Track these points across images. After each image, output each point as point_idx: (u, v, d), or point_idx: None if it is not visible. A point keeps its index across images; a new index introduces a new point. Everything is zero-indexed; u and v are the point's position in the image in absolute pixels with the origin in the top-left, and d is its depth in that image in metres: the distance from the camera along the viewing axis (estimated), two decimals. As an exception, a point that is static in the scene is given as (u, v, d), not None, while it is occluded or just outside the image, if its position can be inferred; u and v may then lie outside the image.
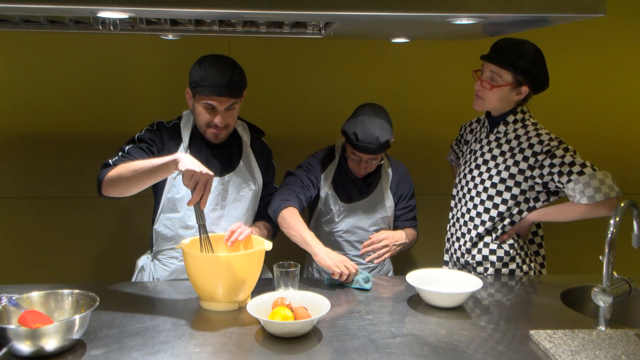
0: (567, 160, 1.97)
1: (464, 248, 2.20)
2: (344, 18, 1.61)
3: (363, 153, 2.15)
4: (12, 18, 1.83)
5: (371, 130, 2.10)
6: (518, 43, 2.05)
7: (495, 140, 2.15)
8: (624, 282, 1.68)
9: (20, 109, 2.80)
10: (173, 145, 2.03)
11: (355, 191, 2.30)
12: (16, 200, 2.87)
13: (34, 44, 2.76)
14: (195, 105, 1.99)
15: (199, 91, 1.95)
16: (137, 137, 2.02)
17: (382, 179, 2.33)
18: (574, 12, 1.45)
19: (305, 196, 2.20)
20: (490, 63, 2.07)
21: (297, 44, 2.85)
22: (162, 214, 2.06)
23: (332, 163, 2.31)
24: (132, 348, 1.49)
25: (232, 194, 2.08)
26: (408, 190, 2.38)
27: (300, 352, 1.48)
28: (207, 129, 2.01)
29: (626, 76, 3.05)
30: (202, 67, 1.95)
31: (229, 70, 1.95)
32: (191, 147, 2.05)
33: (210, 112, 1.97)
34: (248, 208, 2.13)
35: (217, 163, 2.06)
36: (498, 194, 2.10)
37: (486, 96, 2.09)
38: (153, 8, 1.40)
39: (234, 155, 2.11)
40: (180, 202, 2.02)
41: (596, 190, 1.92)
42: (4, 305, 1.50)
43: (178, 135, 2.05)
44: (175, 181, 2.01)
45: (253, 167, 2.14)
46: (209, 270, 1.73)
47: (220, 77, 1.93)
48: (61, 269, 2.90)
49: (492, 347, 1.53)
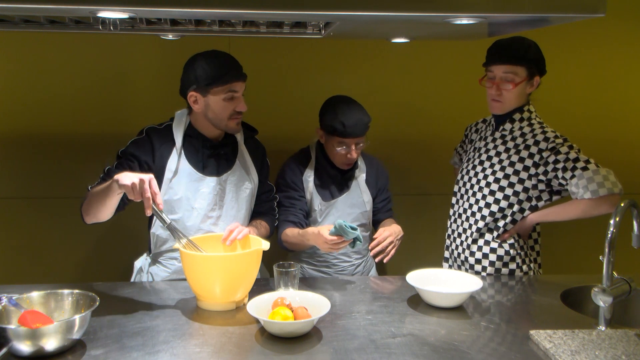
0: (572, 157, 1.99)
1: (465, 244, 2.21)
2: (344, 18, 1.61)
3: (352, 138, 2.21)
4: (12, 18, 1.83)
5: (354, 114, 2.20)
6: (518, 39, 2.09)
7: (500, 137, 2.16)
8: (624, 282, 1.68)
9: (20, 109, 2.80)
10: (166, 150, 2.01)
11: (335, 187, 2.35)
12: (16, 200, 2.87)
13: (34, 44, 2.76)
14: (211, 101, 1.96)
15: (216, 84, 1.93)
16: (119, 152, 2.01)
17: (357, 173, 2.38)
18: (574, 12, 1.45)
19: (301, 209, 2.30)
20: (502, 65, 2.07)
21: (297, 44, 2.85)
22: None
23: (309, 164, 2.35)
24: (132, 348, 1.49)
25: (230, 193, 2.08)
26: (385, 182, 2.45)
27: (300, 352, 1.48)
28: (229, 121, 2.00)
29: (626, 76, 3.05)
30: (207, 62, 1.94)
31: (230, 57, 2.00)
32: (186, 148, 2.04)
33: (231, 101, 1.97)
34: (246, 207, 2.13)
35: (214, 163, 2.06)
36: (500, 189, 2.11)
37: (506, 97, 2.10)
38: (153, 8, 1.40)
39: (229, 154, 2.11)
40: (178, 204, 2.01)
41: (599, 185, 1.93)
42: (4, 305, 1.50)
43: (171, 137, 2.03)
44: (172, 183, 2.00)
45: (249, 166, 2.14)
46: (207, 270, 1.73)
47: (231, 64, 1.97)
48: (61, 269, 2.90)
49: (492, 347, 1.53)
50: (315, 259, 2.37)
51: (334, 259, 2.36)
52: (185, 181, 2.01)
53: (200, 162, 2.04)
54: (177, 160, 2.00)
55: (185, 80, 1.99)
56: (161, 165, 1.99)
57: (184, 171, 2.01)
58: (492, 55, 2.10)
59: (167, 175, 1.99)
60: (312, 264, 2.38)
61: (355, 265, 2.40)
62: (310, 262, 2.38)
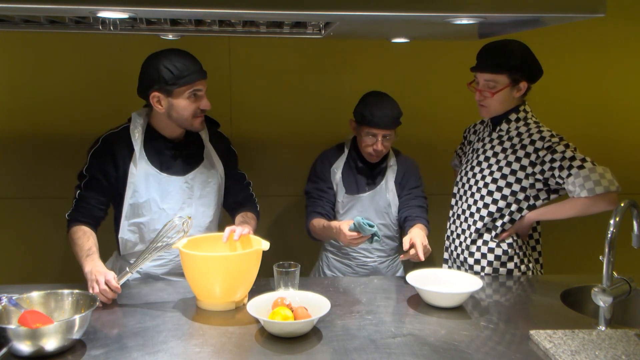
0: (568, 155, 1.99)
1: (464, 245, 2.21)
2: (344, 18, 1.61)
3: (380, 129, 2.27)
4: (12, 18, 1.83)
5: (384, 106, 2.30)
6: (502, 44, 2.08)
7: (497, 138, 2.16)
8: (624, 282, 1.68)
9: (20, 109, 2.80)
10: (126, 154, 2.00)
11: (362, 183, 2.40)
12: (16, 200, 2.87)
13: (34, 44, 2.76)
14: (175, 101, 1.94)
15: (180, 83, 1.91)
16: (84, 170, 2.02)
17: (387, 172, 2.41)
18: (574, 12, 1.45)
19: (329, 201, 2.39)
20: (482, 73, 2.08)
21: (297, 44, 2.84)
22: (126, 220, 2.02)
23: (341, 157, 2.43)
24: (132, 348, 1.49)
25: (198, 191, 2.08)
26: (413, 182, 2.41)
27: (300, 352, 1.48)
28: (193, 120, 1.99)
29: (626, 76, 3.05)
30: (171, 62, 1.92)
31: (191, 56, 1.99)
32: (148, 150, 2.02)
33: (195, 100, 1.96)
34: (214, 202, 2.13)
35: (180, 162, 2.05)
36: (498, 189, 2.11)
37: (489, 103, 2.11)
38: (153, 8, 1.40)
39: (193, 152, 2.10)
40: (144, 207, 2.00)
41: (596, 183, 1.94)
42: (4, 305, 1.50)
43: (130, 141, 2.01)
44: (136, 186, 1.99)
45: (214, 161, 2.13)
46: (206, 270, 1.73)
47: (193, 63, 1.96)
48: (61, 269, 2.90)
49: (492, 347, 1.53)
50: (341, 250, 2.44)
51: (355, 253, 2.42)
52: (149, 183, 2.00)
53: (164, 163, 2.03)
54: (139, 163, 1.99)
55: (146, 81, 1.96)
56: (124, 170, 1.99)
57: (146, 173, 2.00)
58: (477, 62, 2.12)
59: (130, 179, 1.98)
60: (337, 255, 2.46)
61: (378, 262, 2.44)
62: (335, 253, 2.46)
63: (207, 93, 2.01)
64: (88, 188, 2.01)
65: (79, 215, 2.00)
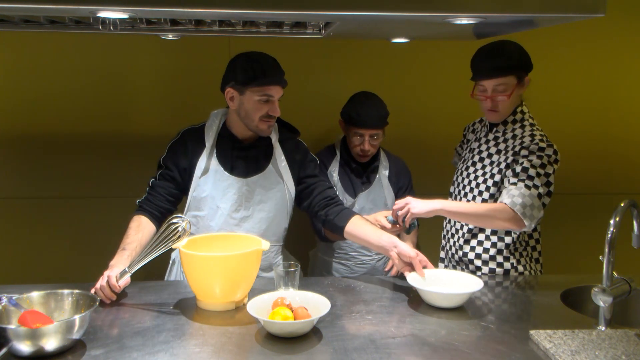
0: (532, 172, 1.96)
1: (458, 244, 2.22)
2: (344, 18, 1.61)
3: (366, 128, 2.33)
4: (12, 18, 1.83)
5: (371, 106, 2.36)
6: (499, 46, 2.07)
7: (493, 139, 2.16)
8: (624, 282, 1.68)
9: (20, 109, 2.80)
10: (198, 148, 2.06)
11: (358, 183, 2.44)
12: (16, 200, 2.87)
13: (34, 44, 2.76)
14: (245, 100, 1.99)
15: (253, 84, 1.96)
16: (160, 160, 2.08)
17: (380, 169, 2.47)
18: (574, 12, 1.45)
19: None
20: (490, 79, 2.05)
21: (297, 44, 2.84)
22: (189, 211, 2.09)
23: (334, 159, 2.46)
24: (132, 348, 1.49)
25: (258, 196, 2.07)
26: (406, 182, 2.52)
27: (300, 352, 1.48)
28: (259, 122, 2.01)
29: (626, 75, 3.05)
30: (249, 63, 1.97)
31: (272, 60, 2.02)
32: (218, 149, 2.07)
33: (265, 104, 1.99)
34: (276, 209, 2.10)
35: (242, 164, 2.07)
36: (487, 189, 2.12)
37: (502, 107, 2.09)
38: (153, 8, 1.40)
39: (260, 156, 2.10)
40: (204, 202, 2.05)
41: (523, 205, 1.92)
42: (4, 305, 1.50)
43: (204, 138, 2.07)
44: (200, 180, 2.04)
45: (282, 168, 2.10)
46: (206, 270, 1.73)
47: (271, 68, 1.99)
48: (61, 269, 2.90)
49: (492, 347, 1.53)
50: (340, 250, 2.46)
51: (353, 252, 2.45)
52: (213, 180, 2.04)
53: (230, 163, 2.06)
54: (208, 159, 2.05)
55: (226, 77, 2.03)
56: (194, 163, 2.05)
57: (212, 170, 2.05)
58: (479, 70, 2.08)
59: (197, 173, 2.04)
60: (336, 255, 2.49)
61: (376, 259, 2.48)
62: (333, 254, 2.49)
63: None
64: (160, 178, 2.07)
65: (145, 204, 2.05)
